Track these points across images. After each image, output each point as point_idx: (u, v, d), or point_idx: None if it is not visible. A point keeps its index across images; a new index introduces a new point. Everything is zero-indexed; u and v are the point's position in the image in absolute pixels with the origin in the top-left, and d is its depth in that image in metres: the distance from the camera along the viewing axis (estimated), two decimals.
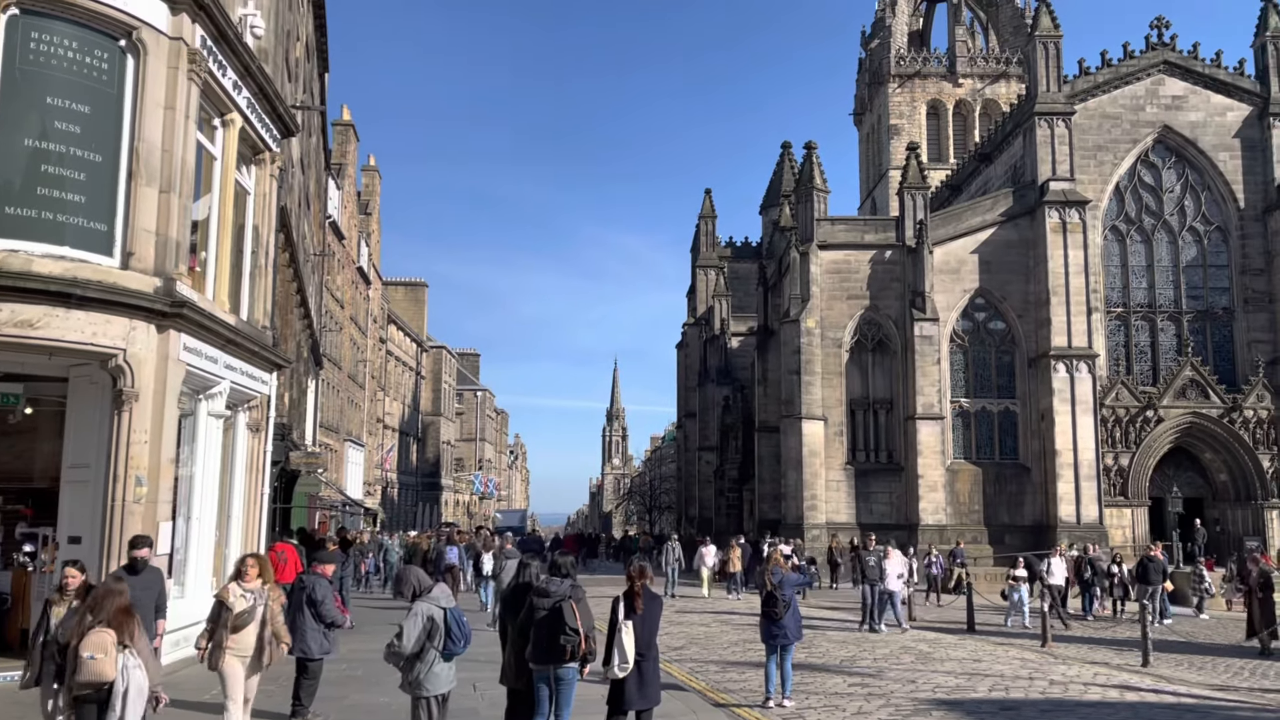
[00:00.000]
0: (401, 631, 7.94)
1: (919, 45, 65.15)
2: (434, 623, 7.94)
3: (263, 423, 16.71)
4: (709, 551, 30.18)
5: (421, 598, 8.10)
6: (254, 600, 8.83)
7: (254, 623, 8.76)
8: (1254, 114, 39.20)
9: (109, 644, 7.02)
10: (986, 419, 38.80)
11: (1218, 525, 38.07)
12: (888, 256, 38.96)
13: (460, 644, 7.97)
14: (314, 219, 34.59)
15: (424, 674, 7.92)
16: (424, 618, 7.95)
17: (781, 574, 12.34)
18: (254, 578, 9.02)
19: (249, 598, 8.84)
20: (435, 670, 7.95)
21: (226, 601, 8.81)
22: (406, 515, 71.08)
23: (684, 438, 68.37)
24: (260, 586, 9.00)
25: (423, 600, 8.07)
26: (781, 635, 12.04)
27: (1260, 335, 38.63)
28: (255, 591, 8.90)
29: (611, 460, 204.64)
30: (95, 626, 7.00)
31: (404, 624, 8.00)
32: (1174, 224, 39.50)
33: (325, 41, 30.88)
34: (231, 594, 8.87)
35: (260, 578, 9.04)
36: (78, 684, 7.06)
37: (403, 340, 73.21)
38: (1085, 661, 16.95)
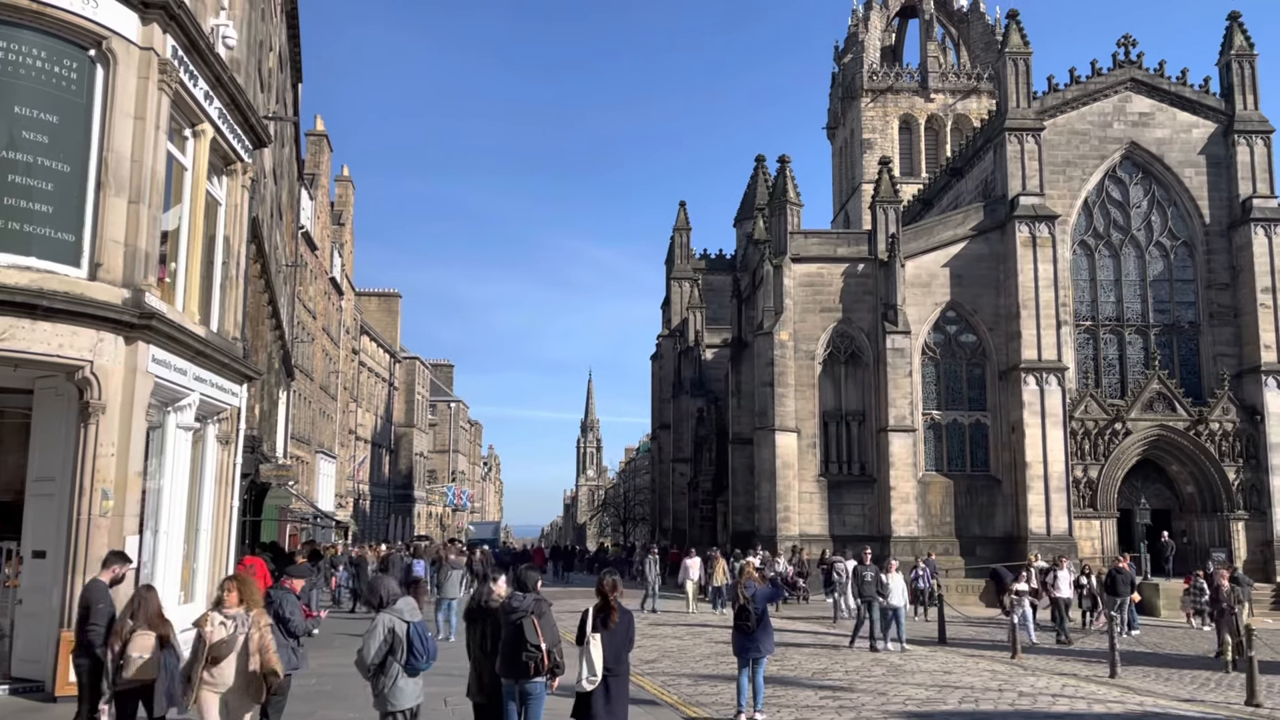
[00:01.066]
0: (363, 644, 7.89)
1: (891, 60, 65.79)
2: (395, 635, 7.85)
3: (233, 435, 16.57)
4: (693, 564, 29.33)
5: (385, 609, 8.01)
6: (235, 627, 8.08)
7: (234, 653, 8.03)
8: (1219, 131, 39.84)
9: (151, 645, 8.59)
10: (958, 431, 39.09)
11: (1185, 537, 38.50)
12: (860, 270, 39.23)
13: (423, 659, 7.87)
14: (286, 229, 34.38)
15: (388, 688, 7.85)
16: (384, 629, 7.86)
17: (755, 587, 12.41)
18: (234, 602, 8.19)
19: (229, 625, 8.08)
20: (400, 685, 7.85)
21: (203, 630, 8.06)
22: (379, 528, 70.55)
23: (658, 449, 68.38)
24: (243, 611, 8.19)
25: (386, 612, 7.98)
26: (753, 648, 12.08)
27: (1225, 349, 39.18)
28: (237, 617, 8.14)
29: (586, 472, 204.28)
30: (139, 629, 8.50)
31: (365, 635, 7.96)
32: (1141, 239, 40.04)
33: (299, 52, 30.77)
34: (210, 622, 8.10)
35: (242, 602, 8.20)
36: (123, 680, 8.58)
37: (376, 351, 72.81)
38: (1054, 673, 17.10)
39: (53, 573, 11.91)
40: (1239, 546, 37.10)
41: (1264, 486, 37.20)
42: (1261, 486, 37.29)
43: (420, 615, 8.17)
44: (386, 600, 8.06)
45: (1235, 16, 40.60)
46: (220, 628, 8.05)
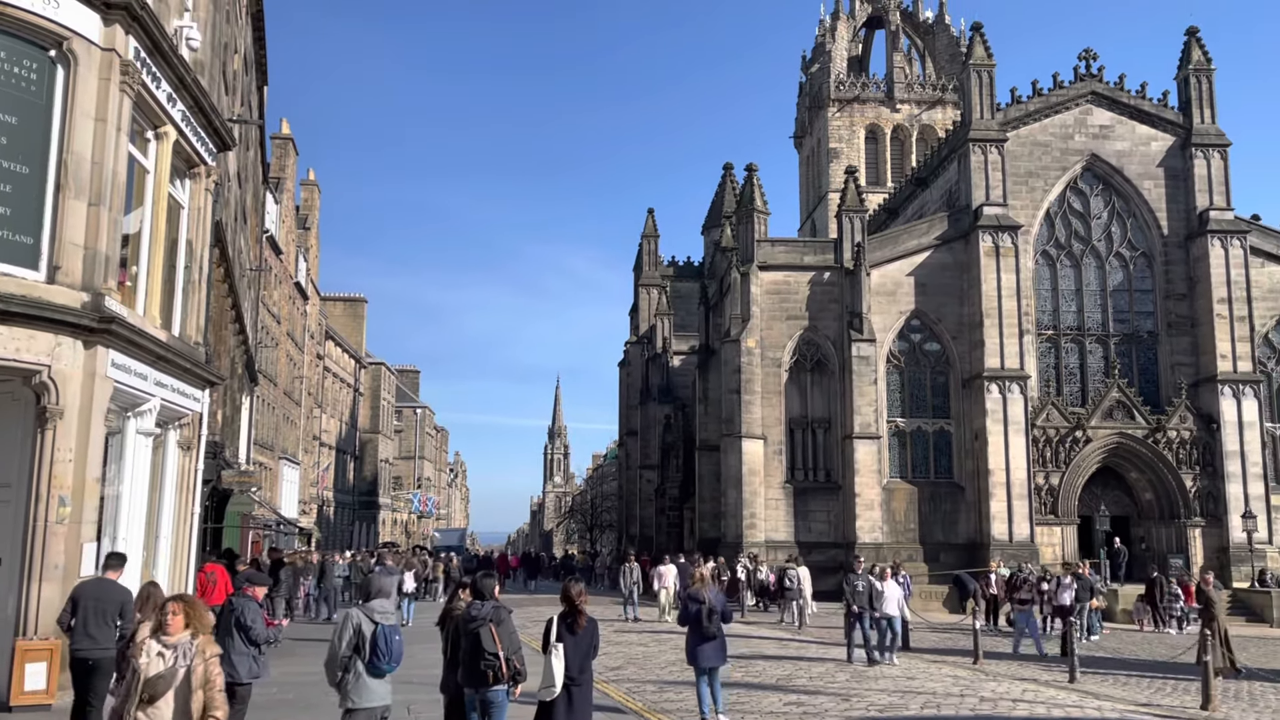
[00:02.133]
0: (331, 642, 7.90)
1: (858, 71, 66.38)
2: (361, 635, 7.83)
3: (194, 441, 16.38)
4: (668, 572, 28.23)
5: (359, 605, 8.02)
6: (175, 659, 6.63)
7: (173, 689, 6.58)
8: (1177, 144, 40.57)
9: None
10: (922, 439, 39.44)
11: (1143, 543, 39.11)
12: (826, 278, 39.50)
13: (385, 660, 7.85)
14: (251, 233, 34.05)
15: (351, 686, 7.82)
16: (351, 627, 7.85)
17: (714, 594, 12.50)
18: (179, 628, 6.76)
19: (168, 656, 6.63)
20: (364, 684, 7.83)
21: (136, 661, 6.65)
22: (343, 534, 69.92)
23: (625, 456, 68.36)
24: (187, 639, 6.74)
25: (358, 609, 7.98)
26: (716, 656, 12.13)
27: (1183, 358, 39.87)
28: (179, 646, 6.68)
29: (553, 478, 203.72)
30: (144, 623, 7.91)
31: (333, 633, 7.97)
32: (1101, 249, 40.66)
33: (264, 54, 30.52)
34: (145, 651, 6.68)
35: (188, 628, 6.79)
36: None
37: (341, 357, 72.23)
38: (1015, 678, 17.28)
39: (8, 580, 11.71)
40: (1196, 553, 37.73)
41: (1220, 494, 37.86)
42: (1218, 494, 37.94)
43: (395, 619, 8.14)
44: (371, 597, 8.06)
45: (1193, 32, 41.41)
46: (157, 659, 6.67)
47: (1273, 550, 37.47)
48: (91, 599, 10.19)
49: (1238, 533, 36.63)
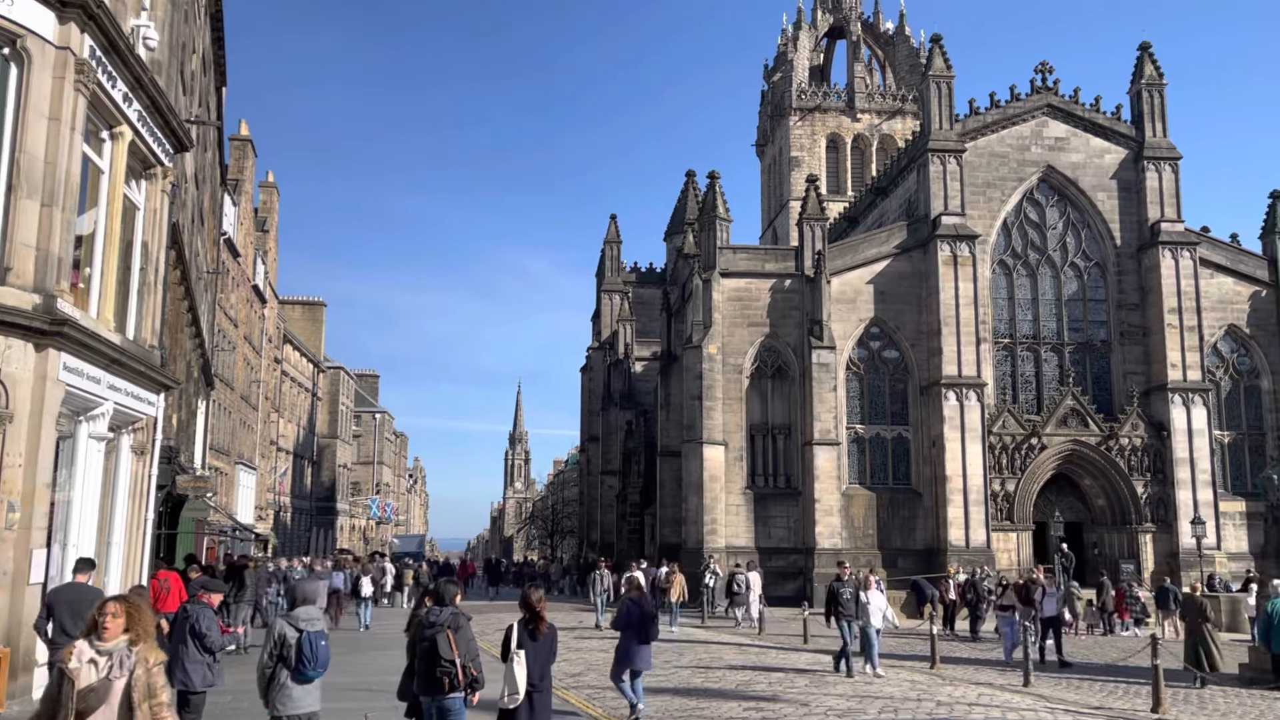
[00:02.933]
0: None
1: (820, 80, 66.96)
2: (286, 643, 7.81)
3: (148, 445, 16.13)
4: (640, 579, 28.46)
5: (284, 614, 8.01)
6: (110, 668, 5.88)
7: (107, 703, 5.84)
8: (1130, 157, 41.36)
9: None
10: (881, 445, 39.80)
11: (1096, 549, 39.74)
12: (787, 285, 39.77)
13: (312, 667, 7.85)
14: (208, 236, 33.61)
15: (277, 695, 7.82)
16: (274, 638, 7.85)
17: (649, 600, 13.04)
18: (116, 632, 5.98)
19: (102, 663, 5.89)
20: (290, 692, 7.82)
21: (66, 668, 5.89)
22: (300, 540, 69.10)
23: (586, 462, 68.27)
24: (124, 645, 5.96)
25: (282, 618, 7.97)
26: (645, 659, 12.72)
27: (1135, 367, 40.61)
28: (115, 653, 5.92)
29: (514, 484, 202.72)
30: None
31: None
32: (1057, 259, 41.33)
33: (223, 55, 30.16)
34: (76, 657, 5.90)
35: (127, 632, 6.00)
36: None
37: (299, 361, 71.44)
38: (971, 682, 17.48)
39: None
40: (1146, 558, 38.43)
41: (1170, 500, 38.59)
42: (1168, 500, 38.68)
43: (321, 625, 8.12)
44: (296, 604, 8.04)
45: (1146, 47, 42.27)
46: (89, 667, 5.87)
47: (1220, 555, 38.25)
48: (66, 603, 10.30)
49: (1187, 538, 37.35)
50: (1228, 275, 41.61)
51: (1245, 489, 40.02)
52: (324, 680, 8.27)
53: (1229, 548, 39.04)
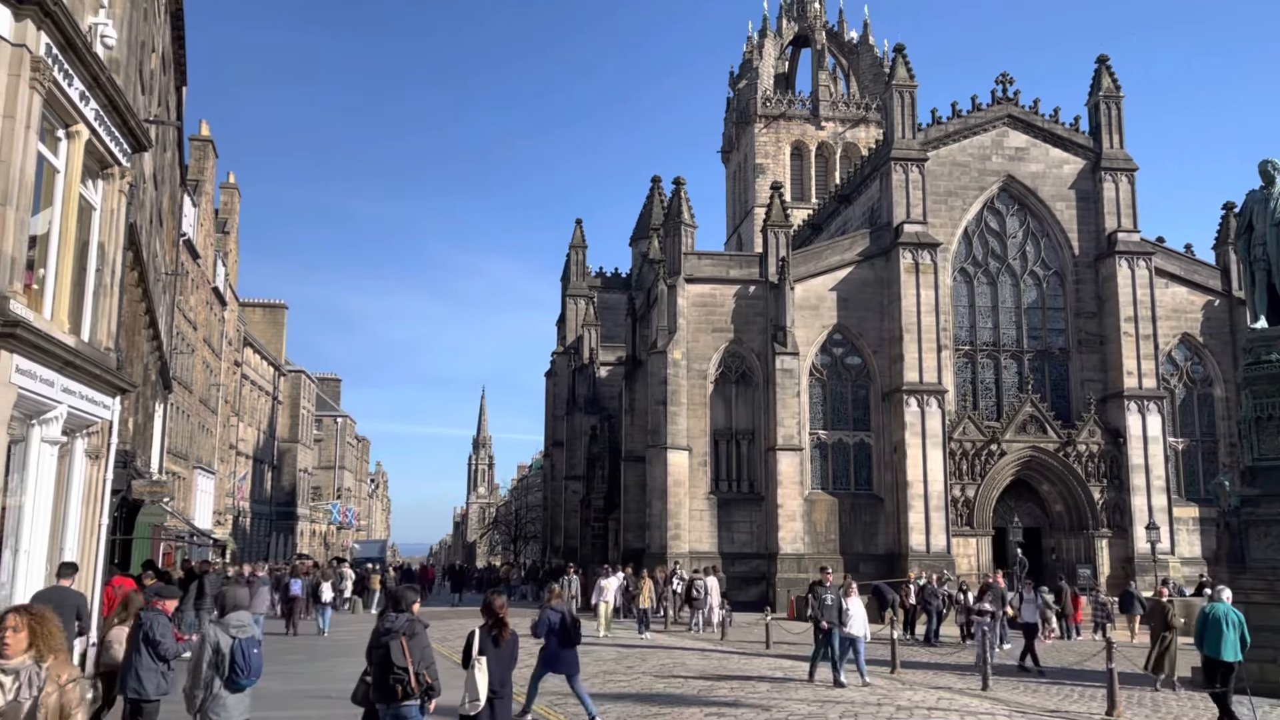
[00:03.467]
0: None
1: (784, 88, 67.43)
2: (219, 652, 7.71)
3: (103, 449, 15.86)
4: (609, 584, 27.28)
5: (216, 622, 7.90)
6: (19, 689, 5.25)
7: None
8: (1088, 168, 42.04)
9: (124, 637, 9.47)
10: (843, 451, 40.09)
11: (1054, 553, 40.28)
12: (751, 291, 39.97)
13: (244, 675, 7.75)
14: (167, 237, 33.15)
15: (209, 703, 7.71)
16: (209, 646, 7.74)
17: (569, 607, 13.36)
18: (18, 650, 5.34)
19: (9, 684, 5.26)
20: (222, 701, 7.71)
21: None
22: (259, 546, 68.25)
23: (551, 467, 68.10)
24: (32, 663, 5.33)
25: (215, 625, 7.86)
26: (570, 663, 12.95)
27: (1092, 374, 41.24)
28: (21, 672, 5.28)
29: (477, 489, 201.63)
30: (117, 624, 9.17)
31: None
32: (1016, 268, 41.89)
33: (183, 54, 29.78)
34: None
35: (31, 648, 5.37)
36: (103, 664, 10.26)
37: (259, 364, 70.61)
38: (930, 687, 17.64)
39: None
40: (1103, 563, 39.00)
41: (1125, 506, 39.21)
42: (1123, 506, 39.29)
43: (254, 632, 8.04)
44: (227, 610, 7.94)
45: (1104, 60, 43.00)
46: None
47: (1174, 560, 38.90)
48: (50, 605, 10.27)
49: (1142, 543, 37.95)
50: (1182, 285, 42.40)
51: (1199, 495, 40.75)
52: (283, 688, 8.22)
53: (1183, 553, 39.73)
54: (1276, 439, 17.85)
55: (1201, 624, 14.86)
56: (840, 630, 17.43)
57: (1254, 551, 17.82)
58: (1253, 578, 17.62)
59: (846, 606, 17.47)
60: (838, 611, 17.52)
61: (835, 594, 17.86)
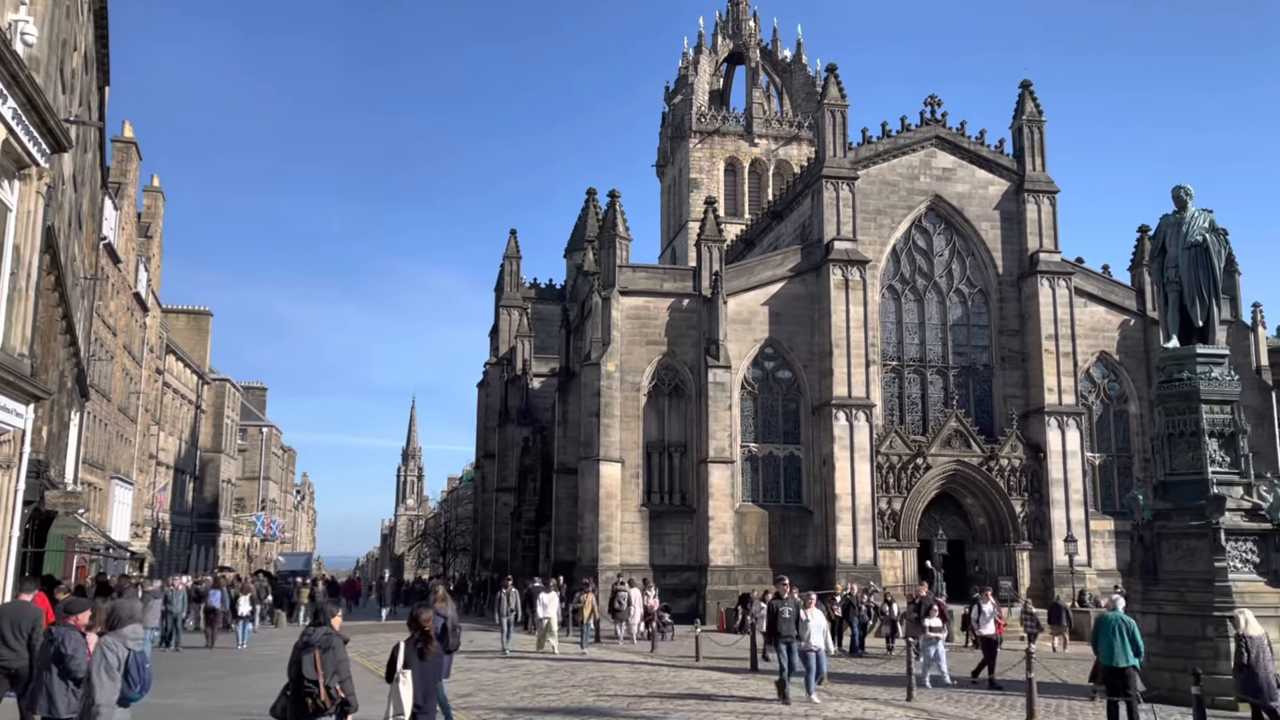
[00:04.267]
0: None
1: (719, 104, 68.09)
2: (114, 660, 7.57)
3: (15, 459, 15.33)
4: (550, 599, 26.59)
5: (112, 634, 7.75)
6: None
7: None
8: (1011, 189, 43.18)
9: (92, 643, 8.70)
10: (773, 464, 40.47)
11: (976, 566, 41.12)
12: (685, 305, 40.22)
13: (135, 689, 7.64)
14: (87, 240, 32.18)
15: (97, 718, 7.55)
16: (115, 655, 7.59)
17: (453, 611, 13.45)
18: None
19: None
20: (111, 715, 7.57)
21: None
22: (179, 559, 66.37)
23: (482, 479, 67.52)
24: None
25: (111, 636, 7.72)
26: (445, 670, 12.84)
27: (1014, 391, 42.29)
28: None
29: (406, 501, 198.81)
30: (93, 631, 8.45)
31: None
32: (943, 285, 42.81)
33: (107, 53, 28.98)
34: None
35: None
36: None
37: (182, 372, 68.81)
38: (856, 698, 17.87)
39: None
40: (1023, 575, 39.93)
41: (1045, 519, 40.24)
42: (1043, 519, 40.31)
43: (145, 645, 7.91)
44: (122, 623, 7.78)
45: (1027, 85, 44.26)
46: None
47: (1091, 572, 40.00)
48: (9, 619, 11.17)
49: (1060, 556, 38.97)
50: (1100, 304, 43.74)
51: (1114, 508, 41.93)
52: (201, 705, 8.05)
53: (1099, 565, 40.87)
54: (1187, 455, 18.51)
55: (1096, 632, 15.33)
56: (799, 643, 17.01)
57: (1166, 564, 18.42)
58: (1165, 589, 18.21)
59: (806, 618, 17.16)
60: (796, 624, 17.13)
61: (792, 607, 17.43)
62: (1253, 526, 17.77)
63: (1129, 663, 14.70)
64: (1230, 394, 18.64)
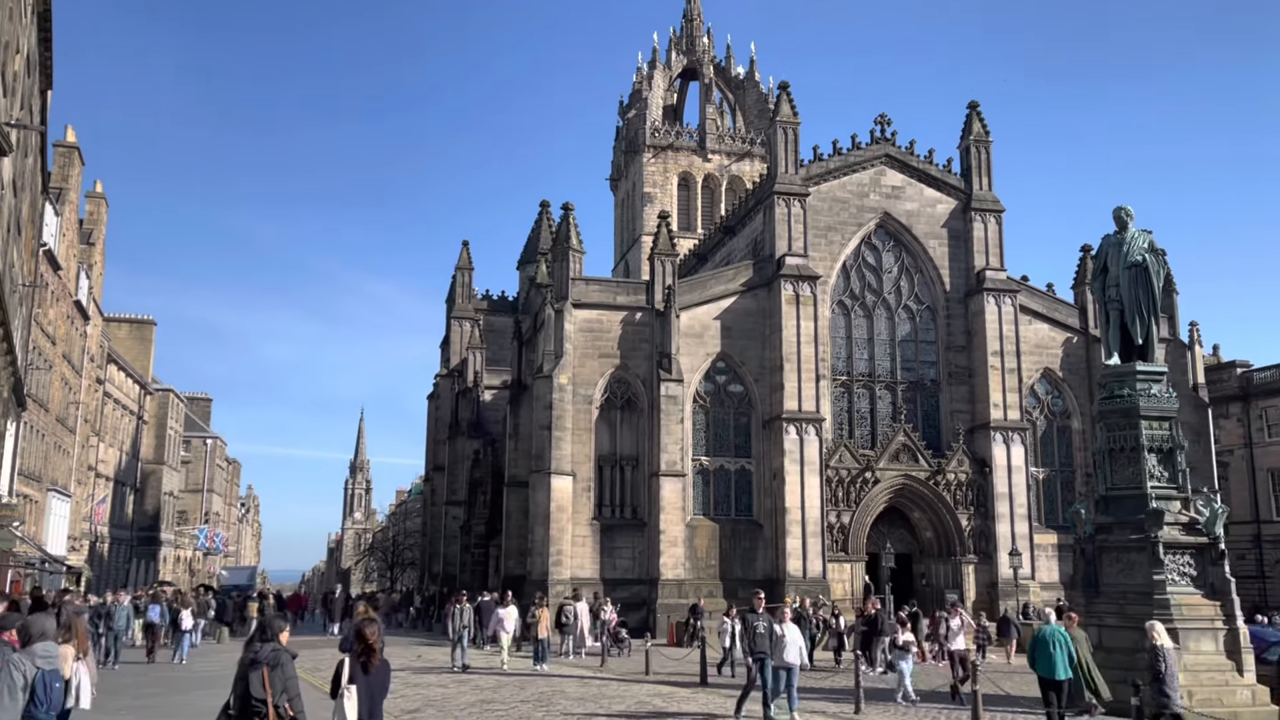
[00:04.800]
0: None
1: (673, 119, 68.51)
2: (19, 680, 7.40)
3: None
4: (507, 614, 26.18)
5: (23, 651, 7.58)
6: None
7: None
8: (959, 208, 43.94)
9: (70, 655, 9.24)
10: (724, 477, 40.62)
11: (924, 579, 41.58)
12: (638, 318, 40.29)
13: (42, 708, 7.48)
14: (26, 247, 31.42)
15: None
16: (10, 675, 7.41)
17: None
18: None
19: None
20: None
21: None
22: (118, 573, 64.78)
23: (431, 492, 66.89)
24: None
25: (20, 654, 7.54)
26: None
27: (961, 406, 42.93)
28: None
29: (353, 514, 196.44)
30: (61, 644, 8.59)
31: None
32: (892, 302, 43.37)
33: (50, 56, 28.41)
34: None
35: None
36: None
37: (124, 382, 67.33)
38: (806, 711, 17.93)
39: None
40: (969, 588, 40.44)
41: (991, 533, 40.83)
42: (989, 533, 40.90)
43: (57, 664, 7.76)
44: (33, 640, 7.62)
45: (974, 105, 45.12)
46: None
47: (1035, 585, 40.63)
48: None
49: (1005, 569, 39.55)
50: (1044, 322, 44.60)
51: (1057, 522, 42.68)
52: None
53: (1042, 578, 41.53)
54: (1128, 469, 18.90)
55: (1033, 646, 15.61)
56: (773, 660, 16.23)
57: (1106, 577, 18.76)
58: (1105, 602, 18.55)
59: (781, 633, 16.27)
60: (770, 639, 16.30)
61: (766, 622, 16.56)
62: (1190, 540, 18.16)
63: (1067, 675, 14.97)
64: (1169, 411, 19.07)
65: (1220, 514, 18.47)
